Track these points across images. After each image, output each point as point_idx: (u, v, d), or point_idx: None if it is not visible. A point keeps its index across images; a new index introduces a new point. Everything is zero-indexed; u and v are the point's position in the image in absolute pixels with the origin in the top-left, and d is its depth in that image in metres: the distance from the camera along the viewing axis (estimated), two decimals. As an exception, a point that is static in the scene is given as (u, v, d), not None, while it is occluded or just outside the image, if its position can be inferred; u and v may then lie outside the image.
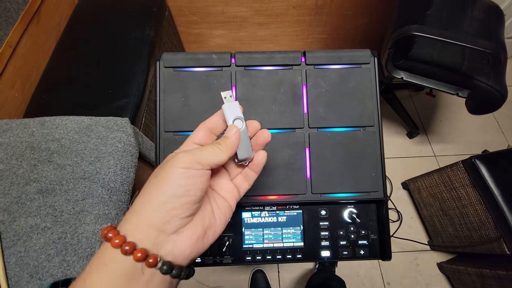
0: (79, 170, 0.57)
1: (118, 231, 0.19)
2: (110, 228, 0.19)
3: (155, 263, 0.18)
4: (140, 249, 0.18)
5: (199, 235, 0.21)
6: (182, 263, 0.20)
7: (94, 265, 0.18)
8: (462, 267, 0.98)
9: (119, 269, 0.18)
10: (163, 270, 0.18)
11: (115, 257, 0.18)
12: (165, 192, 0.19)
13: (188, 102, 0.35)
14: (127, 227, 0.19)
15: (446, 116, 1.41)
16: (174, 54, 0.35)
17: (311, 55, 0.37)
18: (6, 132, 0.61)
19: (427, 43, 0.90)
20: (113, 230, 0.19)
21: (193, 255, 0.21)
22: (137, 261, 0.18)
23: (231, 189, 0.25)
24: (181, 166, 0.20)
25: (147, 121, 0.86)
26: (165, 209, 0.19)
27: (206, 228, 0.22)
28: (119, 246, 0.18)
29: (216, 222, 0.23)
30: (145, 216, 0.19)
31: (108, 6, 0.97)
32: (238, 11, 1.17)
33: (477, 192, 0.87)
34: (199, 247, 0.21)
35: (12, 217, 0.54)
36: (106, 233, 0.19)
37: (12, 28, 0.79)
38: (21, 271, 0.51)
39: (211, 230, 0.22)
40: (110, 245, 0.18)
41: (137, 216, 0.19)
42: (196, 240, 0.21)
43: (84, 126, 0.61)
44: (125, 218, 0.20)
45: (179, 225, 0.20)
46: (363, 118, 0.36)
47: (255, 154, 0.26)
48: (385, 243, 0.36)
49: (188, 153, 0.21)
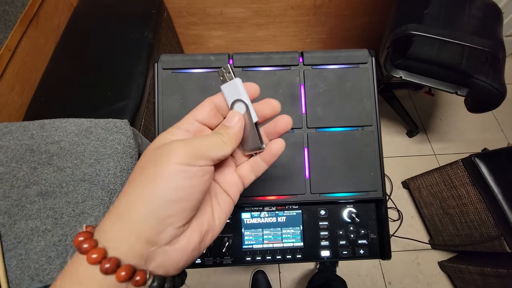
0: (79, 172, 0.57)
1: (96, 241, 0.15)
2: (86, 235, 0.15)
3: (143, 281, 0.15)
4: (125, 266, 0.14)
5: (195, 244, 0.17)
6: (174, 273, 0.17)
7: (67, 282, 0.15)
8: (463, 266, 0.98)
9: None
10: (154, 287, 0.15)
11: (92, 275, 0.14)
12: (159, 196, 0.15)
13: (187, 103, 0.35)
14: (109, 237, 0.15)
15: (445, 114, 1.41)
16: (172, 56, 0.35)
17: (308, 55, 0.37)
18: (6, 135, 0.61)
19: (426, 42, 0.91)
20: (89, 240, 0.15)
21: (188, 264, 0.18)
22: (121, 282, 0.14)
23: (236, 181, 0.21)
24: (178, 162, 0.16)
25: (146, 123, 0.86)
26: (157, 217, 0.15)
27: (204, 234, 0.18)
28: (97, 262, 0.14)
29: (215, 224, 0.19)
30: (132, 225, 0.15)
31: (107, 8, 0.97)
32: (237, 12, 1.17)
33: (477, 191, 0.87)
34: (194, 256, 0.18)
35: (13, 219, 0.54)
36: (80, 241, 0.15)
37: (11, 31, 0.80)
38: (22, 274, 0.51)
39: (209, 234, 0.19)
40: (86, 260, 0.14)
41: (122, 223, 0.15)
42: (191, 251, 0.17)
43: (83, 128, 0.61)
44: (105, 221, 0.16)
45: (173, 235, 0.16)
46: (361, 118, 0.36)
47: (271, 143, 0.21)
48: (385, 242, 0.36)
49: (186, 144, 0.17)
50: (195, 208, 0.17)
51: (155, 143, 0.18)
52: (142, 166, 0.17)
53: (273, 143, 0.21)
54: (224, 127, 0.19)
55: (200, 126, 0.20)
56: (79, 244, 0.15)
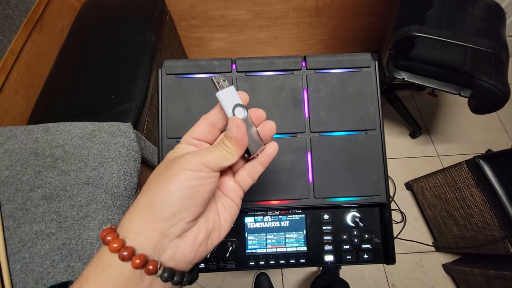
0: (83, 176, 0.57)
1: (118, 234, 0.18)
2: (110, 230, 0.18)
3: (154, 270, 0.17)
4: (139, 255, 0.17)
5: (202, 239, 0.20)
6: (184, 268, 0.19)
7: (92, 269, 0.17)
8: (468, 268, 0.97)
9: (117, 275, 0.17)
10: (164, 277, 0.17)
11: (113, 262, 0.17)
12: (173, 193, 0.18)
13: (190, 108, 0.35)
14: (129, 230, 0.18)
15: (449, 115, 1.41)
16: (175, 61, 0.36)
17: (311, 59, 0.37)
18: (11, 138, 0.62)
19: (428, 43, 0.90)
20: (112, 233, 0.18)
21: (196, 260, 0.20)
22: (136, 268, 0.17)
23: (234, 187, 0.23)
24: (189, 168, 0.19)
25: (149, 126, 0.87)
26: (171, 212, 0.18)
27: (210, 230, 0.21)
28: (117, 250, 0.17)
29: (221, 223, 0.22)
30: (150, 219, 0.18)
31: (110, 12, 0.98)
32: (239, 14, 1.18)
33: (482, 192, 0.86)
34: (202, 251, 0.20)
35: (17, 223, 0.54)
36: (105, 235, 0.18)
37: (15, 36, 0.80)
38: (26, 277, 0.51)
39: (215, 232, 0.21)
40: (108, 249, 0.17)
41: (141, 218, 0.18)
42: (199, 245, 0.20)
43: (87, 132, 0.62)
44: (126, 218, 0.19)
45: (183, 229, 0.19)
46: (364, 122, 0.36)
47: (267, 145, 0.23)
48: (389, 246, 0.36)
49: (196, 155, 0.20)
50: (203, 205, 0.20)
51: (166, 158, 0.21)
52: (158, 173, 0.20)
53: (268, 145, 0.24)
54: (228, 137, 0.21)
55: (198, 142, 0.22)
56: (104, 237, 0.17)
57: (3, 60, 0.76)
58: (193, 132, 0.22)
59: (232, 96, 0.21)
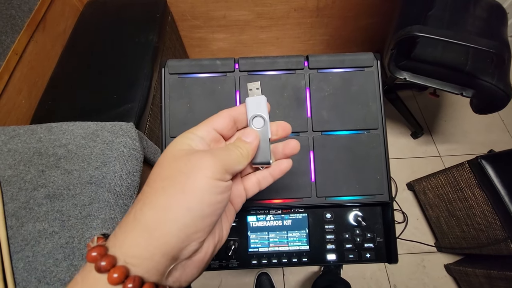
0: (86, 175, 0.57)
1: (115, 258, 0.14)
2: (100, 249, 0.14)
3: None
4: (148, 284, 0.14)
5: (210, 256, 0.18)
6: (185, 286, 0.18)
7: None
8: (470, 269, 0.96)
9: None
10: None
11: None
12: (192, 210, 0.15)
13: (193, 107, 0.35)
14: (133, 253, 0.14)
15: (450, 116, 1.40)
16: (179, 61, 0.36)
17: (314, 59, 0.37)
18: (14, 138, 0.62)
19: (430, 43, 0.90)
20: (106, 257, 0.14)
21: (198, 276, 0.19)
22: None
23: (241, 193, 0.22)
24: (211, 176, 0.16)
25: (151, 125, 0.87)
26: (186, 233, 0.15)
27: (216, 244, 0.19)
28: (120, 282, 0.13)
29: (223, 234, 0.20)
30: (161, 241, 0.15)
31: (112, 13, 0.99)
32: (240, 14, 1.18)
33: (484, 193, 0.86)
34: (205, 267, 0.19)
35: (20, 222, 0.54)
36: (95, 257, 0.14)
37: (18, 36, 0.81)
38: (29, 276, 0.51)
39: (218, 245, 0.20)
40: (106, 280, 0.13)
41: (150, 239, 0.14)
42: (206, 262, 0.18)
43: (90, 132, 0.62)
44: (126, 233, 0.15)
45: (195, 249, 0.16)
46: (367, 121, 0.36)
47: (282, 161, 0.23)
48: (392, 246, 0.36)
49: (214, 157, 0.17)
50: (216, 222, 0.17)
51: (174, 148, 0.18)
52: (168, 176, 0.16)
53: (284, 161, 0.23)
54: (243, 142, 0.20)
55: (216, 135, 0.20)
56: (95, 260, 0.14)
57: (6, 60, 0.77)
58: (215, 123, 0.20)
59: (258, 105, 0.21)
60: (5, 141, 0.62)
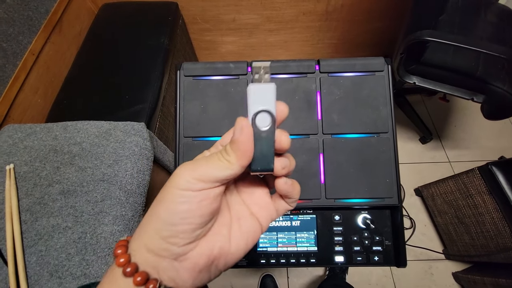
0: (99, 173, 0.59)
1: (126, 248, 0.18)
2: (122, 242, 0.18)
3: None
4: (140, 273, 0.17)
5: (202, 267, 0.18)
6: None
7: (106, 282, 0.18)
8: (478, 277, 0.95)
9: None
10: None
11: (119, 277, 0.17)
12: (161, 218, 0.17)
13: (207, 109, 0.36)
14: (132, 247, 0.18)
15: (460, 121, 1.39)
16: (193, 64, 0.37)
17: (325, 63, 0.38)
18: (30, 135, 0.65)
19: (440, 48, 0.90)
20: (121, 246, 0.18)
21: (198, 285, 0.18)
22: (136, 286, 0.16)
23: (268, 204, 0.20)
24: (178, 187, 0.17)
25: (161, 126, 0.89)
26: (161, 236, 0.17)
27: (214, 258, 0.18)
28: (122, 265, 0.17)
29: (230, 250, 0.18)
30: (143, 240, 0.18)
31: (126, 16, 1.01)
32: (249, 18, 1.19)
33: (494, 200, 0.85)
34: (203, 278, 0.18)
35: (35, 217, 0.56)
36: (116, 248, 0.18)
37: (35, 37, 0.84)
38: (41, 270, 0.53)
39: (221, 259, 0.18)
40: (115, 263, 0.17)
41: (138, 237, 0.18)
42: (198, 272, 0.18)
43: (103, 131, 0.64)
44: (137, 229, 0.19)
45: (179, 252, 0.17)
46: (377, 125, 0.37)
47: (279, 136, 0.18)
48: (400, 249, 0.36)
49: (190, 167, 0.17)
50: (197, 229, 0.17)
51: None
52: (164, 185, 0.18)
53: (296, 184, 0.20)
54: (231, 141, 0.17)
55: None
56: (115, 250, 0.18)
57: (23, 60, 0.79)
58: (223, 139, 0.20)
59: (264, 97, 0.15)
60: (22, 138, 0.64)
